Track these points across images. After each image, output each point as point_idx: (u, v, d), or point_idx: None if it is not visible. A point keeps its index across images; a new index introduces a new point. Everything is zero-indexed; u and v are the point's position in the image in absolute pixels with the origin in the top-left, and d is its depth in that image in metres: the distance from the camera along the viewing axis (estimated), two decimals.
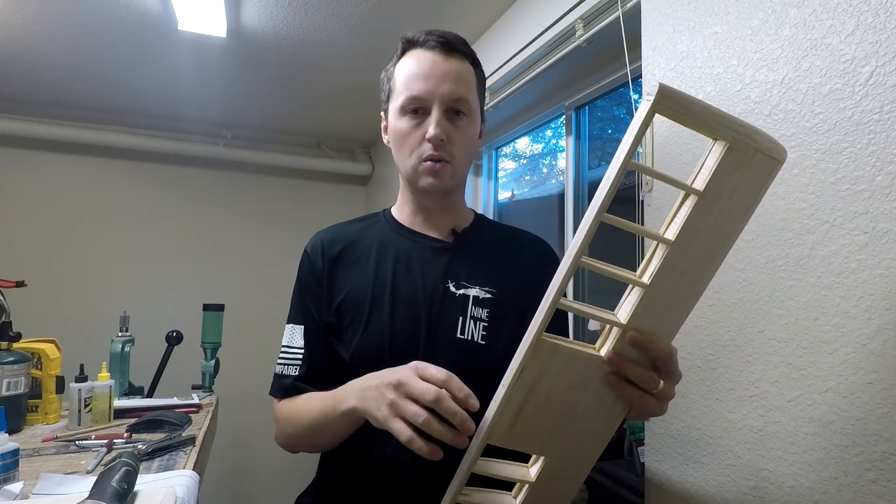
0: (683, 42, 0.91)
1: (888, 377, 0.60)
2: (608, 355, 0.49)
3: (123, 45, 1.90)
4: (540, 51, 1.44)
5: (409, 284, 0.79)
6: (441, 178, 0.77)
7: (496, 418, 0.50)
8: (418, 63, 0.77)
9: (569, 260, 0.46)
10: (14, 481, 0.79)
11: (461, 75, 0.78)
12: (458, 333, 0.76)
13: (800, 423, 0.69)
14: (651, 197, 0.97)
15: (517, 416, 0.50)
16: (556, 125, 1.89)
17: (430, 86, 0.75)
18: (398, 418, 0.55)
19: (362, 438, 0.73)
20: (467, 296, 0.78)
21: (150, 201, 2.79)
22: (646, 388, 0.50)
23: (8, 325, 1.17)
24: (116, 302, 2.30)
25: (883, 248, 0.61)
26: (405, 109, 0.77)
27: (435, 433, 0.53)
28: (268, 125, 2.83)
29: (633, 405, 0.52)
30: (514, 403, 0.50)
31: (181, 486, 0.80)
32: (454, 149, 0.77)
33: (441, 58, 0.77)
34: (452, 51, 0.78)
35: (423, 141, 0.76)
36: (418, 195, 0.82)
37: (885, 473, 0.60)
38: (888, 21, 0.62)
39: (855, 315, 0.64)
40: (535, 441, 0.53)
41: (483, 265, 0.82)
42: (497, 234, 0.90)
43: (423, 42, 0.78)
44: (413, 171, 0.78)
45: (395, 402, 0.56)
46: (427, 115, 0.76)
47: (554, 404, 0.50)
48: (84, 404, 1.17)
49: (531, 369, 0.49)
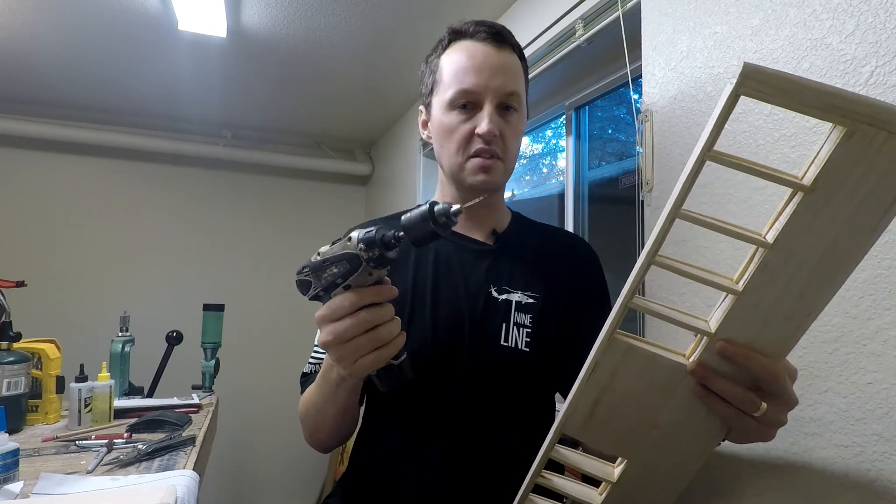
0: (683, 42, 0.91)
1: (888, 377, 0.60)
2: (692, 364, 0.44)
3: (123, 45, 1.90)
4: (540, 51, 1.44)
5: (451, 289, 0.76)
6: (493, 174, 0.74)
7: (570, 410, 0.49)
8: (469, 55, 0.73)
9: (643, 257, 0.42)
10: (14, 481, 0.79)
11: (513, 68, 0.75)
12: (503, 341, 0.73)
13: (800, 423, 0.69)
14: (651, 197, 0.97)
15: (591, 412, 0.48)
16: (556, 125, 1.89)
17: (482, 79, 0.72)
18: (356, 358, 0.55)
19: (401, 442, 0.72)
20: (510, 301, 0.76)
21: (150, 201, 2.79)
22: (741, 408, 0.44)
23: (8, 325, 1.17)
24: (116, 302, 2.30)
25: (883, 248, 0.61)
26: (455, 104, 0.73)
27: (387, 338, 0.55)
28: (268, 125, 2.83)
29: (730, 425, 0.46)
30: (587, 399, 0.48)
31: (181, 486, 0.80)
32: (505, 145, 0.74)
33: (493, 50, 0.74)
34: (503, 43, 0.75)
35: (472, 136, 0.73)
36: (464, 192, 0.78)
37: (885, 473, 0.60)
38: (888, 21, 0.61)
39: (855, 315, 0.64)
40: (613, 440, 0.50)
41: (524, 268, 0.79)
42: (536, 235, 0.87)
43: (473, 33, 0.75)
44: (460, 167, 0.75)
45: (343, 355, 0.55)
46: (477, 110, 0.73)
47: (631, 406, 0.47)
48: (84, 404, 1.17)
49: (604, 367, 0.46)
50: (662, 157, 0.95)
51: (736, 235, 0.39)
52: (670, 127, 0.93)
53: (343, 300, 0.53)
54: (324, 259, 0.54)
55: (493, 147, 0.73)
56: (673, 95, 0.93)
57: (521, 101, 0.76)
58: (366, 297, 0.53)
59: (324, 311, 0.55)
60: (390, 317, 0.55)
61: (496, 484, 0.70)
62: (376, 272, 0.53)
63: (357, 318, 0.53)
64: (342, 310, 0.53)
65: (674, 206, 0.39)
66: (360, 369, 0.55)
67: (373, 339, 0.54)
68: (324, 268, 0.54)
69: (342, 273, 0.53)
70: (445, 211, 0.49)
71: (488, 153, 0.73)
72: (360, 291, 0.53)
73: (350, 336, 0.53)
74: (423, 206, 0.50)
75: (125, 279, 2.70)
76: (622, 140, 1.62)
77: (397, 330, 0.56)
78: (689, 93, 0.89)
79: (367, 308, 0.53)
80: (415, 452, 0.72)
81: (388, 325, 0.55)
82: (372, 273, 0.53)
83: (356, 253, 0.51)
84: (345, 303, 0.53)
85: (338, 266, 0.53)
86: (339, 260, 0.53)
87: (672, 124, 0.93)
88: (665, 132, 0.94)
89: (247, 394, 2.77)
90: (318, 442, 0.78)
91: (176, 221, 2.84)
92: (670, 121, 0.93)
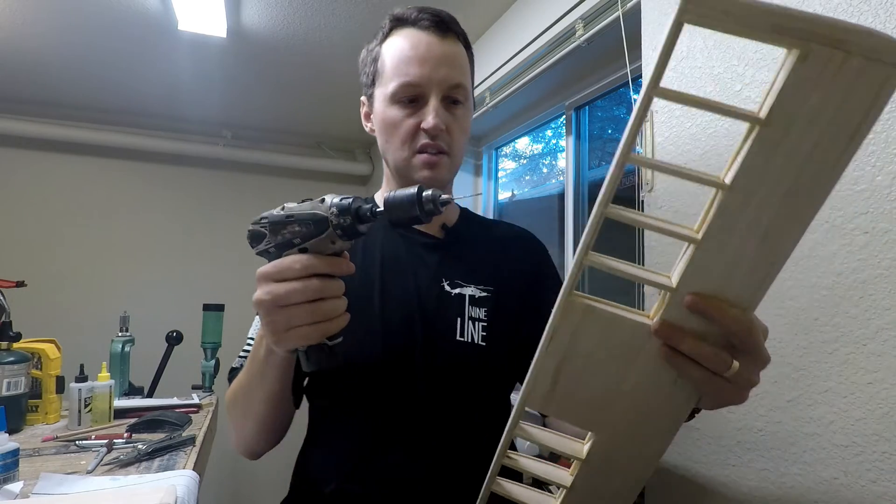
0: (683, 42, 0.91)
1: (888, 377, 0.60)
2: (656, 324, 0.40)
3: (123, 45, 1.90)
4: (540, 51, 1.44)
5: (401, 284, 0.72)
6: (439, 171, 0.71)
7: (531, 381, 0.46)
8: (411, 45, 0.69)
9: (596, 210, 0.38)
10: (14, 481, 0.79)
11: (458, 59, 0.71)
12: (458, 336, 0.71)
13: (800, 423, 0.69)
14: (652, 197, 0.97)
15: (554, 382, 0.45)
16: (556, 125, 1.89)
17: (426, 71, 0.68)
18: (290, 327, 0.49)
19: (360, 450, 0.68)
20: (463, 295, 0.73)
21: (151, 201, 2.79)
22: (712, 368, 0.40)
23: (8, 325, 1.17)
24: (116, 302, 2.30)
25: (883, 248, 0.61)
26: (397, 97, 0.70)
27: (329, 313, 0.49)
28: (268, 125, 2.83)
29: (702, 389, 0.43)
30: (548, 368, 0.45)
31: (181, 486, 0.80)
32: (452, 140, 0.71)
33: (436, 39, 0.69)
34: (448, 31, 0.71)
35: (417, 131, 0.69)
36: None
37: (885, 473, 0.60)
38: (888, 21, 0.61)
39: (855, 315, 0.64)
40: (579, 412, 0.47)
41: (476, 262, 0.77)
42: (485, 229, 0.85)
43: (416, 20, 0.70)
44: (406, 163, 0.72)
45: (277, 321, 0.49)
46: (422, 103, 0.69)
47: (595, 374, 0.44)
48: (84, 404, 1.17)
49: (563, 332, 0.43)
50: (662, 158, 0.95)
51: (693, 178, 0.36)
52: (670, 127, 0.93)
53: (294, 261, 0.48)
54: (288, 214, 0.50)
55: (438, 142, 0.70)
56: None
57: (468, 94, 0.73)
58: (320, 264, 0.49)
59: (268, 268, 0.49)
60: (339, 293, 0.50)
61: (464, 479, 0.65)
62: (340, 242, 0.49)
63: (305, 283, 0.48)
64: (290, 271, 0.48)
65: (623, 150, 0.36)
66: (291, 340, 0.50)
67: (314, 311, 0.48)
68: (285, 224, 0.50)
69: (303, 234, 0.49)
70: (434, 198, 0.47)
71: (434, 148, 0.70)
72: (317, 257, 0.49)
73: (290, 301, 0.48)
74: (411, 189, 0.47)
75: (125, 279, 2.70)
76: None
77: (342, 308, 0.51)
78: (689, 93, 0.89)
79: (318, 276, 0.49)
80: (377, 459, 0.67)
81: (334, 301, 0.50)
82: (335, 241, 0.49)
83: (326, 216, 0.48)
84: (295, 265, 0.48)
85: (301, 226, 0.49)
86: (305, 220, 0.49)
87: (672, 124, 0.93)
88: (665, 132, 0.94)
89: None
90: (246, 440, 0.70)
91: (176, 221, 2.84)
92: (670, 121, 0.93)
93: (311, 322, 0.49)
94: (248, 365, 0.63)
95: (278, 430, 0.71)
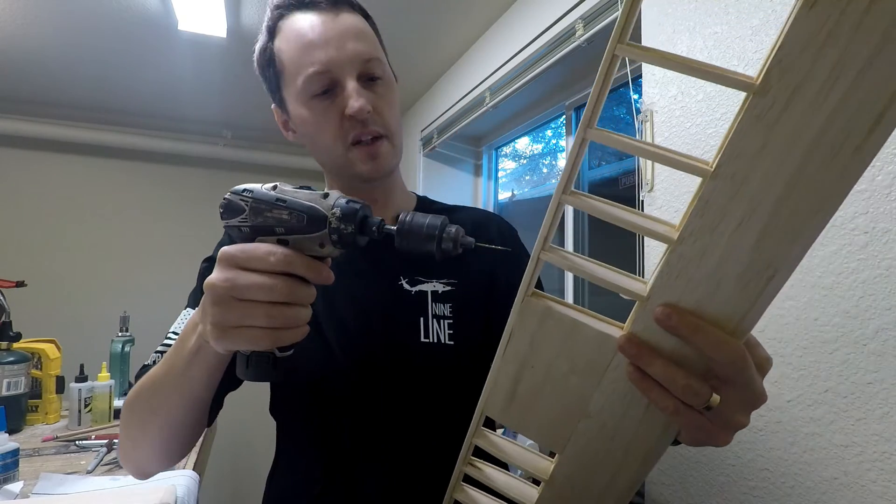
0: (683, 42, 0.91)
1: (888, 377, 0.60)
2: (621, 338, 0.34)
3: (123, 45, 1.90)
4: (540, 51, 1.44)
5: (354, 285, 0.65)
6: (382, 157, 0.63)
7: (489, 387, 0.42)
8: (306, 29, 0.60)
9: (554, 197, 0.33)
10: (14, 481, 0.79)
11: (361, 31, 0.62)
12: (423, 337, 0.64)
13: (800, 423, 0.69)
14: (652, 197, 0.97)
15: (513, 392, 0.40)
16: (556, 125, 1.89)
17: (331, 52, 0.59)
18: (241, 325, 0.41)
19: (325, 471, 0.62)
20: (424, 292, 0.66)
21: (150, 201, 2.79)
22: (683, 399, 0.33)
23: (8, 325, 1.17)
24: (116, 302, 2.29)
25: (883, 248, 0.61)
26: (309, 92, 0.60)
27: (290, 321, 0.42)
28: (268, 125, 2.81)
29: (674, 421, 0.36)
30: (506, 375, 0.40)
31: (181, 485, 0.80)
32: (384, 119, 0.62)
33: (329, 17, 0.60)
34: (338, 4, 0.62)
35: (343, 120, 0.60)
36: (356, 183, 0.66)
37: (885, 473, 0.60)
38: None
39: (855, 315, 0.64)
40: (539, 427, 0.41)
41: None
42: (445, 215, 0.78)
43: (300, 3, 0.62)
44: (344, 160, 0.63)
45: (226, 314, 0.41)
46: (338, 90, 0.60)
47: (556, 388, 0.38)
48: (84, 404, 1.18)
49: (520, 336, 0.38)
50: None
51: (670, 162, 0.29)
52: (670, 127, 0.93)
53: (269, 251, 0.41)
54: (279, 198, 0.43)
55: (372, 127, 0.61)
56: (673, 95, 0.93)
57: (385, 67, 0.64)
58: (300, 264, 0.42)
59: (235, 250, 0.42)
60: (308, 301, 0.43)
61: (439, 485, 0.61)
62: (329, 248, 0.43)
63: (273, 280, 0.41)
64: (261, 262, 0.41)
65: (582, 124, 0.31)
66: (236, 340, 0.42)
67: (275, 314, 0.41)
68: (272, 206, 0.43)
69: (290, 225, 0.43)
70: (455, 238, 0.42)
71: (369, 134, 0.61)
72: (297, 255, 0.42)
73: (249, 296, 0.40)
74: (433, 220, 0.42)
75: (125, 279, 2.70)
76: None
77: (306, 319, 0.44)
78: (689, 93, 0.89)
79: (290, 276, 0.42)
80: (345, 481, 0.61)
81: (299, 309, 0.43)
82: (324, 245, 0.43)
83: (325, 214, 0.42)
84: (269, 256, 0.41)
85: (293, 216, 0.42)
86: (299, 210, 0.42)
87: (672, 124, 0.93)
88: (665, 132, 0.94)
89: (246, 393, 2.76)
90: (139, 453, 0.57)
91: (176, 221, 2.84)
92: (670, 121, 0.93)
93: (266, 326, 0.41)
94: (169, 360, 0.51)
95: (182, 448, 0.58)
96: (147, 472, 0.59)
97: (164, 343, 0.63)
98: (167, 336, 0.64)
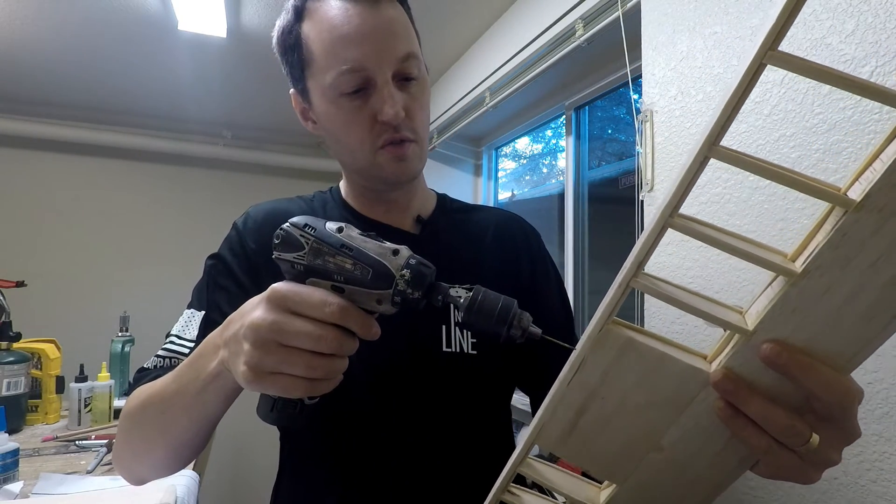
0: (683, 42, 0.91)
1: (888, 377, 0.60)
2: (717, 373, 0.31)
3: (123, 45, 1.90)
4: (540, 51, 1.44)
5: None
6: (411, 162, 0.61)
7: (545, 417, 0.38)
8: (342, 20, 0.55)
9: (655, 219, 0.30)
10: (14, 481, 0.79)
11: (400, 25, 0.57)
12: (445, 346, 0.62)
13: None
14: (652, 197, 0.97)
15: (574, 423, 0.38)
16: (556, 125, 1.89)
17: (368, 50, 0.54)
18: (278, 371, 0.39)
19: (351, 485, 0.60)
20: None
21: (150, 201, 2.79)
22: (782, 440, 0.31)
23: (8, 325, 1.17)
24: (116, 302, 2.30)
25: None
26: (340, 89, 0.56)
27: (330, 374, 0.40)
28: (268, 125, 2.83)
29: (763, 460, 0.34)
30: (569, 405, 0.37)
31: (181, 486, 0.80)
32: (415, 123, 0.60)
33: (368, 7, 0.55)
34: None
35: (374, 124, 0.57)
36: (380, 186, 0.65)
37: (885, 473, 0.60)
38: (888, 21, 0.61)
39: None
40: (600, 460, 0.39)
41: (457, 257, 0.67)
42: (467, 217, 0.74)
43: None
44: (369, 163, 0.60)
45: (264, 356, 0.39)
46: (371, 89, 0.56)
47: (627, 421, 0.36)
48: (84, 404, 1.18)
49: (593, 366, 0.35)
50: (662, 158, 0.94)
51: (808, 190, 0.27)
52: (670, 127, 0.93)
53: (324, 301, 0.39)
54: (345, 244, 0.40)
55: (403, 132, 0.58)
56: (673, 95, 0.93)
57: (420, 64, 0.60)
58: (354, 318, 0.40)
59: (288, 291, 0.39)
60: (350, 354, 0.41)
61: (461, 496, 0.60)
62: (386, 307, 0.41)
63: (323, 331, 0.38)
64: (314, 310, 0.39)
65: (706, 141, 0.30)
66: (269, 385, 0.40)
67: (315, 365, 0.39)
68: (337, 253, 0.40)
69: (351, 276, 0.40)
70: (525, 327, 0.39)
71: (399, 138, 0.58)
72: (353, 308, 0.40)
73: (294, 343, 0.38)
74: (506, 301, 0.40)
75: (125, 279, 2.70)
76: (622, 140, 1.62)
77: (342, 370, 0.42)
78: (689, 93, 0.89)
79: (342, 330, 0.40)
80: (364, 488, 0.60)
81: (340, 361, 0.41)
82: (382, 303, 0.40)
83: (394, 274, 0.40)
84: (325, 306, 0.39)
85: (357, 267, 0.40)
86: (365, 263, 0.40)
87: (672, 124, 0.93)
88: (665, 132, 0.94)
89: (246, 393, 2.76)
90: (139, 465, 0.56)
91: (176, 221, 2.84)
92: (670, 121, 0.93)
93: (304, 376, 0.39)
94: (181, 378, 0.49)
95: (186, 462, 0.57)
96: (143, 481, 0.58)
97: (165, 347, 0.61)
98: (169, 338, 0.62)
